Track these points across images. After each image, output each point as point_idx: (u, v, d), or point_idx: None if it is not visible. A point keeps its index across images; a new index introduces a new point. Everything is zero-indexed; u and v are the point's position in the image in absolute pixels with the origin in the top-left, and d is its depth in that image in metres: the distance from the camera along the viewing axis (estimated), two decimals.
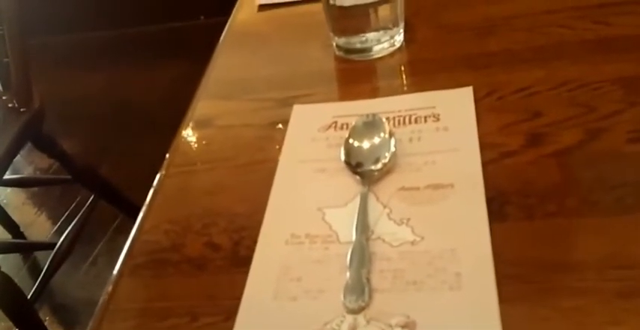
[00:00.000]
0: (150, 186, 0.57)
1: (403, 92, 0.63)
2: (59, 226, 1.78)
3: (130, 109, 2.17)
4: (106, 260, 1.61)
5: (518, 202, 0.47)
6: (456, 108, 0.57)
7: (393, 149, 0.52)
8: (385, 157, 0.52)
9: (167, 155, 0.61)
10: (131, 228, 0.53)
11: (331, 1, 0.64)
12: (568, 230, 0.44)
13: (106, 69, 2.44)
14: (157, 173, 0.59)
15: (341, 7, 0.65)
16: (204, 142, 0.62)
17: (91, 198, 1.50)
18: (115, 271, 0.49)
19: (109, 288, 0.48)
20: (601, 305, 0.38)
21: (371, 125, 0.55)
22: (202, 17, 2.61)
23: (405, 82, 0.66)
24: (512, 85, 0.59)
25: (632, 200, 0.45)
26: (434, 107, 0.58)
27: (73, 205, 1.80)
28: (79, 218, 1.47)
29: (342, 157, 0.53)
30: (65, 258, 1.42)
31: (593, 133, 0.51)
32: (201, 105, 0.67)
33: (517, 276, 0.41)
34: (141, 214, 0.54)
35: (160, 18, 2.58)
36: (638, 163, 0.48)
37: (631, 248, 0.41)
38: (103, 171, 1.59)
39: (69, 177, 1.48)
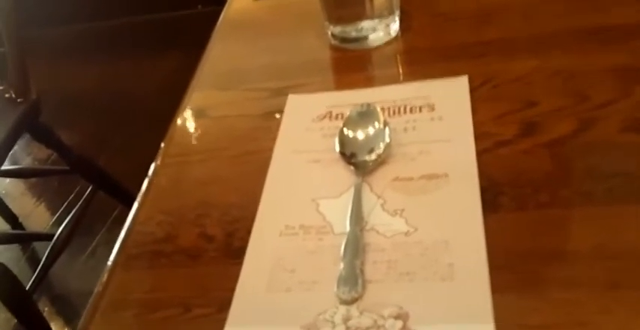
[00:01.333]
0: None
1: (399, 81, 0.63)
2: (58, 216, 1.79)
3: (128, 100, 2.16)
4: (105, 251, 1.61)
5: (511, 193, 0.47)
6: (450, 97, 0.57)
7: (387, 140, 0.52)
8: (379, 148, 0.52)
9: (162, 145, 0.60)
10: None
11: None
12: (560, 221, 0.44)
13: (102, 60, 2.43)
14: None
15: None
16: (198, 133, 0.62)
17: (90, 189, 1.50)
18: (109, 263, 0.49)
19: (103, 279, 0.48)
20: (591, 295, 0.38)
21: (365, 115, 0.54)
22: (200, 6, 2.60)
23: (400, 71, 0.66)
24: (507, 73, 0.58)
25: (624, 190, 0.45)
26: (429, 97, 0.57)
27: (71, 196, 1.80)
28: (77, 209, 1.48)
29: (337, 148, 0.53)
30: (64, 249, 1.42)
31: (587, 122, 0.51)
32: (196, 95, 0.66)
33: (509, 267, 0.41)
34: (135, 205, 0.54)
35: (157, 7, 2.57)
36: (630, 152, 0.48)
37: (621, 239, 0.41)
38: (101, 162, 1.59)
39: (67, 168, 1.48)
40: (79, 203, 1.49)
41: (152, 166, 0.58)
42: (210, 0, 2.63)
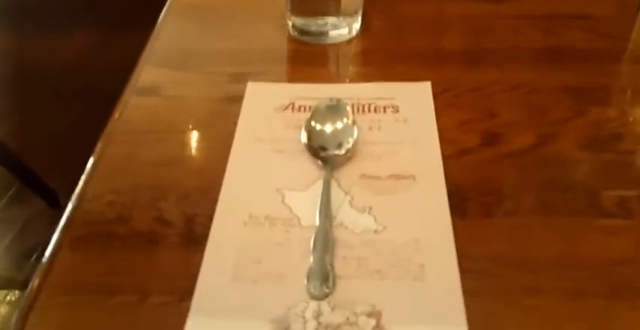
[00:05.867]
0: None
1: (359, 80, 0.62)
2: None
3: (33, 74, 2.01)
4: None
5: (477, 199, 0.48)
6: (414, 101, 0.57)
7: (355, 136, 0.52)
8: (348, 143, 0.51)
9: (109, 121, 0.57)
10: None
11: None
12: (525, 229, 0.45)
13: (10, 29, 2.26)
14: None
15: None
16: (151, 112, 0.58)
17: None
18: (52, 242, 0.45)
19: (47, 260, 0.44)
20: (557, 304, 0.40)
21: (334, 109, 0.54)
22: None
23: (360, 70, 0.66)
24: (467, 83, 0.60)
25: (583, 204, 0.47)
26: (393, 98, 0.57)
27: None
28: None
29: (303, 140, 0.52)
30: None
31: (545, 137, 0.53)
32: (147, 72, 0.63)
33: (479, 271, 0.42)
34: (81, 182, 0.50)
35: None
36: (586, 168, 0.50)
37: (582, 249, 0.43)
38: None
39: None
40: None
41: (99, 143, 0.54)
42: None
